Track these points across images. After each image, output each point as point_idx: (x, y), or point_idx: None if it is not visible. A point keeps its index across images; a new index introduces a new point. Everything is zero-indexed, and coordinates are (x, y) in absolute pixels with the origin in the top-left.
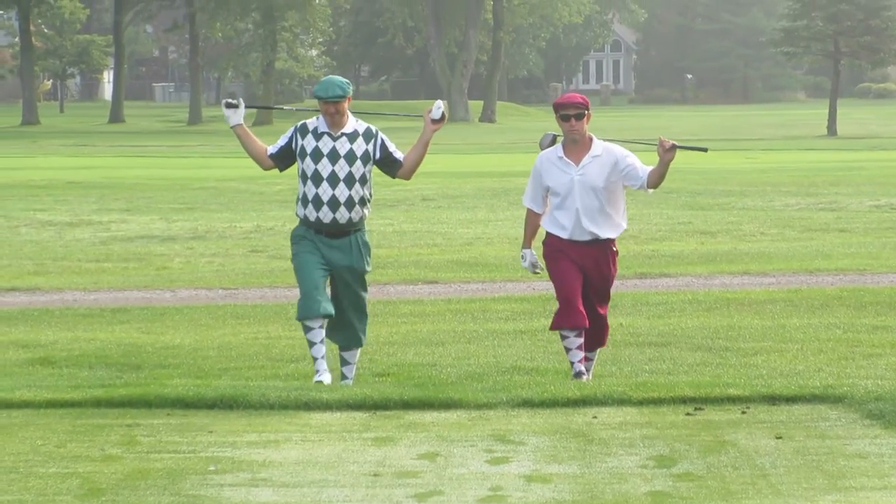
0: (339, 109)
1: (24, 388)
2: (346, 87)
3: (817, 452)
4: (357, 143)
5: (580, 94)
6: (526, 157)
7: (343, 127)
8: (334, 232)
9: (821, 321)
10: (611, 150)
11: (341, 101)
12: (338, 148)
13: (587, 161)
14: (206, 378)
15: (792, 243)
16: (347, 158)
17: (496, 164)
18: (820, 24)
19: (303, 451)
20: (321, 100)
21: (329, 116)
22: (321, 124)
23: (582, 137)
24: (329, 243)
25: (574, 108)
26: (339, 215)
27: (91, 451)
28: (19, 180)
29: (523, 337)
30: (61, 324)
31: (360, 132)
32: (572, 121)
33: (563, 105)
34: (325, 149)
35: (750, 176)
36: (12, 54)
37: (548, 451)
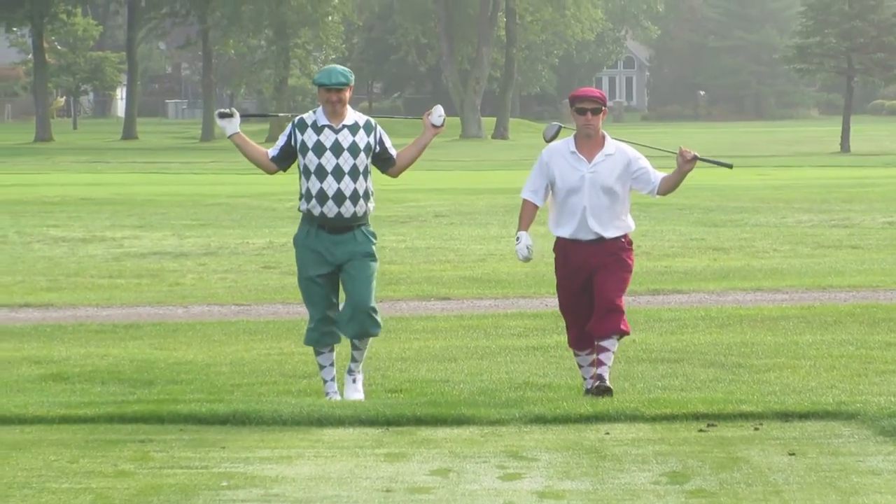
0: (340, 98)
1: (37, 403)
2: (348, 75)
3: (830, 469)
4: (359, 135)
5: (598, 89)
6: None
7: (343, 118)
8: (338, 227)
9: (834, 338)
10: (624, 150)
11: (344, 88)
12: (340, 140)
13: (600, 159)
14: (219, 394)
15: (805, 260)
16: (351, 151)
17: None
18: (833, 41)
19: (315, 467)
20: (323, 87)
21: (330, 105)
22: (320, 117)
23: (596, 133)
24: (333, 239)
25: (591, 102)
26: (345, 209)
27: (104, 467)
28: (33, 196)
29: (536, 353)
30: (74, 340)
31: (360, 124)
32: (588, 115)
33: (580, 98)
34: (328, 142)
35: (763, 192)
36: (25, 71)
37: (560, 468)
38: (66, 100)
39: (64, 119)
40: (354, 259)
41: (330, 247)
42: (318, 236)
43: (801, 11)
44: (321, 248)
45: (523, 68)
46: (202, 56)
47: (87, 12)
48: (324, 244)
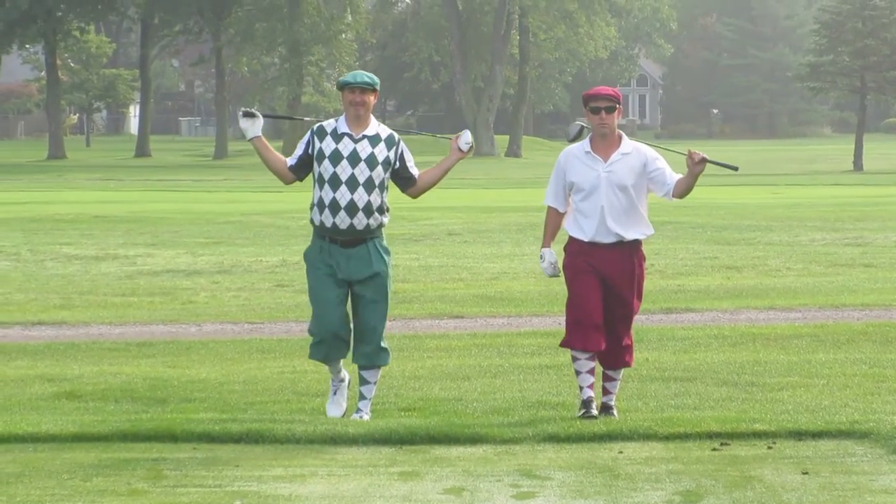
0: (364, 101)
1: (50, 422)
2: (373, 77)
3: (844, 488)
4: (379, 147)
5: (612, 88)
6: None
7: (365, 128)
8: (350, 240)
9: (847, 356)
10: (640, 149)
11: (368, 89)
12: (359, 151)
13: (616, 158)
14: (233, 412)
15: (818, 278)
16: (368, 162)
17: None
18: (846, 60)
19: (329, 486)
20: (348, 86)
21: (354, 108)
22: (341, 124)
23: (612, 132)
24: (346, 253)
25: (605, 101)
26: (357, 221)
27: (117, 486)
28: (46, 214)
29: (549, 372)
30: (87, 358)
31: (382, 137)
32: (602, 114)
33: (594, 97)
34: (346, 151)
35: (776, 211)
36: (38, 88)
37: (574, 487)
38: (79, 117)
39: (77, 136)
40: (368, 281)
41: (343, 262)
42: (331, 251)
43: (815, 30)
44: (334, 264)
45: (536, 86)
46: (215, 73)
47: (100, 29)
48: (336, 259)
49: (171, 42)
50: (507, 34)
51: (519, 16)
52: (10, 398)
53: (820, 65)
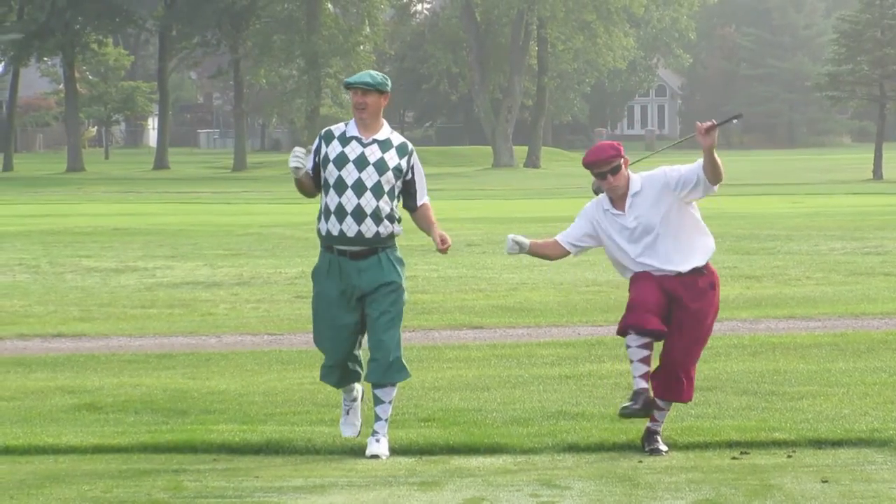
0: (364, 102)
1: (71, 433)
2: (378, 78)
3: (863, 496)
4: (390, 153)
5: (609, 143)
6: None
7: (376, 132)
8: (359, 252)
9: (867, 365)
10: (650, 179)
11: (370, 90)
12: (367, 155)
13: (629, 203)
14: (252, 423)
15: (837, 287)
16: (377, 167)
17: (541, 210)
18: (865, 69)
19: (349, 497)
20: (350, 87)
21: (356, 110)
22: (350, 128)
23: (625, 188)
24: (356, 266)
25: (605, 165)
26: (365, 228)
27: (138, 497)
28: (65, 227)
29: (569, 382)
30: (107, 370)
31: (394, 143)
32: (609, 178)
33: (594, 164)
34: (352, 154)
35: (795, 220)
36: (57, 101)
37: (594, 496)
38: (97, 130)
39: (95, 149)
40: (381, 293)
41: (354, 277)
42: (341, 267)
43: (834, 39)
44: (345, 281)
45: (555, 97)
46: (233, 86)
47: (118, 42)
48: (347, 275)
49: (189, 54)
50: (525, 45)
51: (537, 27)
52: (31, 410)
53: (839, 74)
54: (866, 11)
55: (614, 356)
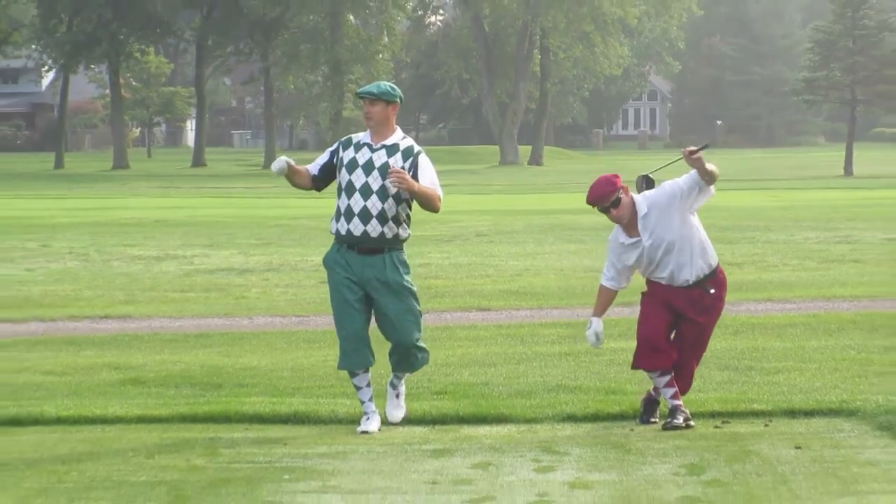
0: (370, 112)
1: (117, 405)
2: (384, 88)
3: (833, 461)
4: (395, 157)
5: (605, 179)
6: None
7: (385, 139)
8: (366, 248)
9: (837, 343)
10: (655, 198)
11: (377, 100)
12: (374, 160)
13: (641, 225)
14: (281, 396)
15: (811, 273)
16: (381, 171)
17: (543, 203)
18: (838, 75)
19: (368, 462)
20: (359, 97)
21: (366, 119)
22: (365, 136)
23: (630, 216)
24: (362, 261)
25: (606, 201)
26: (371, 228)
27: (177, 462)
28: (111, 219)
29: (568, 358)
30: (150, 348)
31: (400, 147)
32: (612, 211)
33: (595, 202)
34: (362, 160)
35: (773, 212)
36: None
37: (590, 461)
38: (140, 131)
39: (139, 148)
40: (386, 291)
41: (359, 268)
42: (349, 256)
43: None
44: (350, 270)
45: (556, 101)
46: (264, 91)
47: (158, 51)
48: (353, 264)
49: (223, 62)
50: (529, 53)
51: (540, 37)
52: (81, 384)
53: (814, 80)
54: (839, 22)
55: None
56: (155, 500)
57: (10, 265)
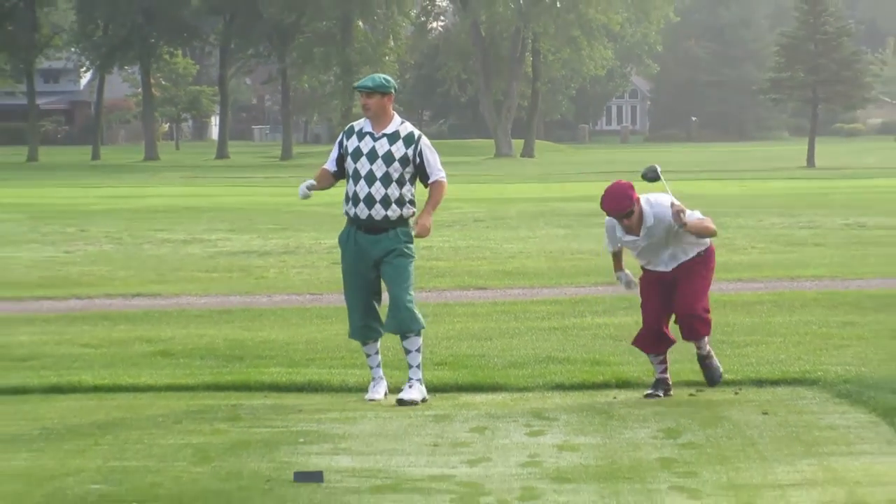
0: (367, 103)
1: (147, 375)
2: (378, 80)
3: (796, 425)
4: (396, 145)
5: (623, 192)
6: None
7: (385, 127)
8: (372, 228)
9: (800, 319)
10: (659, 216)
11: (373, 93)
12: (377, 148)
13: (644, 232)
14: (296, 367)
15: (777, 255)
16: (385, 159)
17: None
18: (801, 75)
19: (376, 426)
20: (356, 90)
21: (363, 111)
22: (366, 124)
23: (638, 224)
24: (369, 239)
25: (621, 213)
26: (375, 212)
27: (202, 426)
28: (143, 206)
29: (557, 333)
30: (177, 323)
31: (401, 134)
32: (624, 221)
33: (612, 212)
34: (366, 148)
35: (743, 200)
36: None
37: (576, 426)
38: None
39: (168, 142)
40: (389, 257)
41: (367, 246)
42: (357, 237)
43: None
44: (360, 247)
45: (546, 99)
46: (281, 89)
47: (186, 53)
48: (361, 243)
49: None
50: (521, 56)
51: (532, 41)
52: (115, 356)
53: (779, 80)
54: (802, 28)
55: (594, 311)
56: (182, 461)
57: (51, 248)
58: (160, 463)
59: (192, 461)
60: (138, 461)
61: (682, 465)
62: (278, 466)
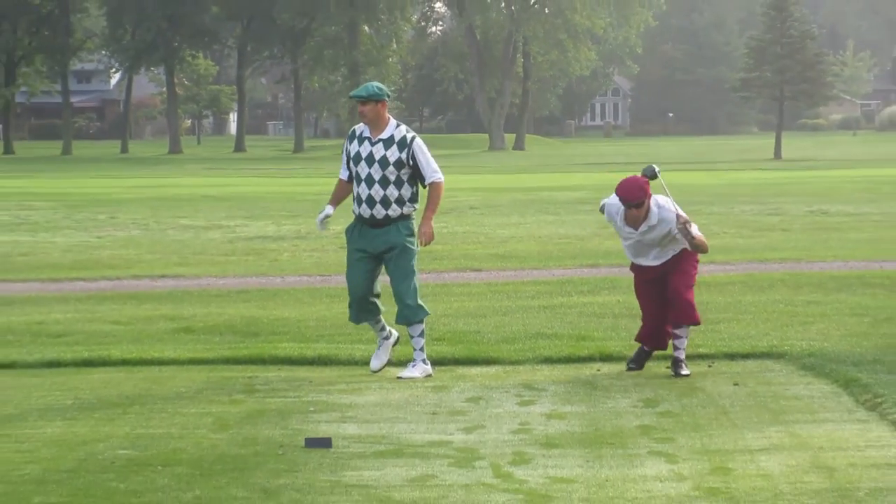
0: (365, 111)
1: (171, 349)
2: (372, 89)
3: (765, 395)
4: (391, 150)
5: (639, 185)
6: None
7: (381, 132)
8: (375, 224)
9: (768, 298)
10: (666, 221)
11: (367, 101)
12: (374, 153)
13: (644, 229)
14: (307, 342)
15: (747, 239)
16: (381, 163)
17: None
18: (769, 75)
19: (380, 396)
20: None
21: (361, 117)
22: (365, 129)
23: (643, 217)
24: (374, 232)
25: (634, 202)
26: (376, 212)
27: (221, 397)
28: (167, 195)
29: (545, 311)
30: (199, 302)
31: (395, 139)
32: (633, 210)
33: (625, 200)
34: (364, 153)
35: (716, 189)
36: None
37: (563, 396)
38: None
39: (190, 136)
40: (393, 254)
41: (370, 238)
42: (361, 229)
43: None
44: (364, 238)
45: (536, 97)
46: (294, 88)
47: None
48: (366, 235)
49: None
50: (513, 57)
51: (522, 43)
52: (142, 332)
53: (749, 79)
54: (769, 32)
55: (580, 291)
56: (202, 428)
57: (84, 233)
58: (182, 430)
59: (212, 429)
60: (162, 428)
61: (660, 431)
62: (290, 433)
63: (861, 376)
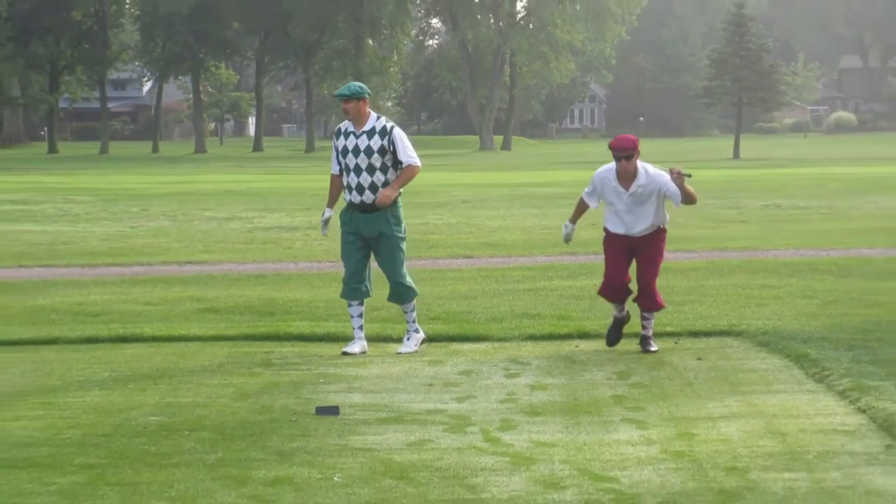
0: (348, 108)
1: (196, 327)
2: (354, 88)
3: (725, 369)
4: (374, 139)
5: (630, 138)
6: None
7: (364, 125)
8: (365, 209)
9: (728, 282)
10: (655, 179)
11: (349, 100)
12: (359, 144)
13: (634, 188)
14: (318, 321)
15: (709, 230)
16: (366, 152)
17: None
18: (729, 84)
19: (382, 369)
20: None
21: (345, 114)
22: (349, 125)
23: (633, 171)
24: (364, 217)
25: (623, 152)
26: (365, 197)
27: (241, 370)
28: (193, 190)
29: (530, 293)
30: (221, 285)
31: (377, 129)
32: (623, 161)
33: (617, 149)
34: (351, 146)
35: None
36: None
37: (545, 369)
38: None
39: (213, 138)
40: (381, 240)
41: (360, 223)
42: (353, 214)
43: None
44: (355, 223)
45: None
46: (306, 95)
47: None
48: (357, 220)
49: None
50: (501, 67)
51: (510, 55)
52: (170, 312)
53: (711, 87)
54: (729, 45)
55: (560, 276)
56: (224, 398)
57: (119, 224)
58: (207, 399)
59: (233, 398)
60: (189, 398)
61: (631, 401)
62: (303, 402)
63: (810, 352)
